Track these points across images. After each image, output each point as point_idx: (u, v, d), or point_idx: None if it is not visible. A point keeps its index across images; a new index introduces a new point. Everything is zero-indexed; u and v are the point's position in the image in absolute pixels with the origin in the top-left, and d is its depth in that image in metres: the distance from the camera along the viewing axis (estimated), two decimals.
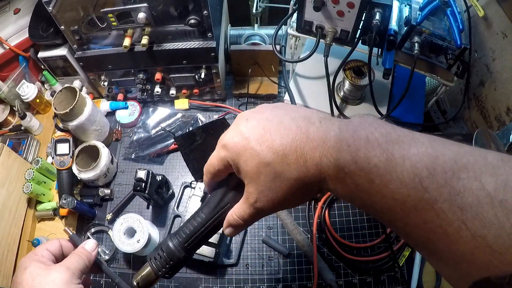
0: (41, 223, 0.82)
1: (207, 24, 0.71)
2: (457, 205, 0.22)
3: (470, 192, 0.22)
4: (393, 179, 0.24)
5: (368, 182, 0.26)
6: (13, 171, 0.77)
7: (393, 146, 0.25)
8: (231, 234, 0.36)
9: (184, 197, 0.80)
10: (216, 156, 0.34)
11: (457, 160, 0.23)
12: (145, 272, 0.38)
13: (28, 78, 0.91)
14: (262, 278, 0.71)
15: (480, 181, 0.22)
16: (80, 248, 0.43)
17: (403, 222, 0.25)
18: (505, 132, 0.65)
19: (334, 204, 0.77)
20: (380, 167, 0.25)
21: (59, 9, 0.68)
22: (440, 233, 0.23)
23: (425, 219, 0.24)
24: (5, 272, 0.70)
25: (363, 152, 0.26)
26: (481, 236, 0.21)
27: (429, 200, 0.23)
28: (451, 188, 0.23)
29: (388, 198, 0.25)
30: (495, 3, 0.68)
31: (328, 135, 0.28)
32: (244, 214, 0.33)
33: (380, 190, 0.25)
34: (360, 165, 0.26)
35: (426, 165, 0.24)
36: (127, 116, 0.90)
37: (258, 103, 0.90)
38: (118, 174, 0.85)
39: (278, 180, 0.29)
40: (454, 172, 0.23)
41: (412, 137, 0.26)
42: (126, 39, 0.72)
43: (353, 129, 0.27)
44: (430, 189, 0.23)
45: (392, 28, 0.59)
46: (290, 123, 0.30)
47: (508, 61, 0.67)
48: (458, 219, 0.22)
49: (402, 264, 0.71)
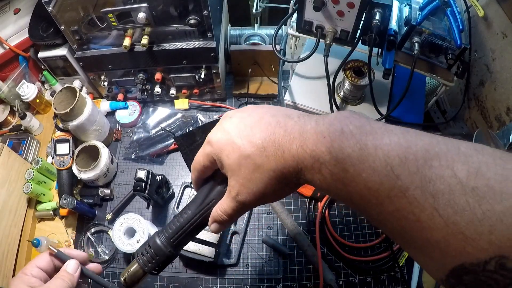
0: (41, 223, 0.82)
1: (207, 24, 0.71)
2: (429, 192, 0.23)
3: (442, 180, 0.22)
4: (366, 168, 0.25)
5: (343, 172, 0.26)
6: (13, 171, 0.77)
7: (367, 137, 0.26)
8: (217, 230, 0.36)
9: (184, 197, 0.80)
10: (201, 153, 0.36)
11: (429, 149, 0.24)
12: (132, 269, 0.38)
13: (28, 78, 0.91)
14: (262, 278, 0.71)
15: (452, 169, 0.22)
16: (62, 272, 0.44)
17: (377, 211, 0.26)
18: (505, 132, 0.65)
19: (334, 204, 0.77)
20: (353, 157, 0.26)
21: (59, 9, 0.68)
22: (413, 221, 0.23)
23: (398, 207, 0.24)
24: (5, 272, 0.70)
25: (337, 143, 0.26)
26: (454, 222, 0.22)
27: (401, 187, 0.24)
28: (422, 176, 0.23)
29: (362, 186, 0.25)
30: (495, 3, 0.68)
31: (305, 128, 0.29)
32: (228, 208, 0.34)
33: (354, 179, 0.26)
34: (335, 155, 0.26)
35: (398, 154, 0.24)
36: (127, 116, 0.90)
37: (258, 103, 0.90)
38: (118, 174, 0.85)
39: (258, 171, 0.30)
40: (426, 160, 0.23)
41: (386, 129, 0.26)
42: (126, 39, 0.72)
43: (329, 123, 0.28)
44: (402, 176, 0.24)
45: (392, 28, 0.59)
46: (270, 119, 0.31)
47: (508, 61, 0.67)
48: (430, 206, 0.22)
49: (402, 264, 0.71)
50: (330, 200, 0.76)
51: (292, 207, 0.77)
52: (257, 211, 0.77)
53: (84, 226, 0.79)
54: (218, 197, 0.36)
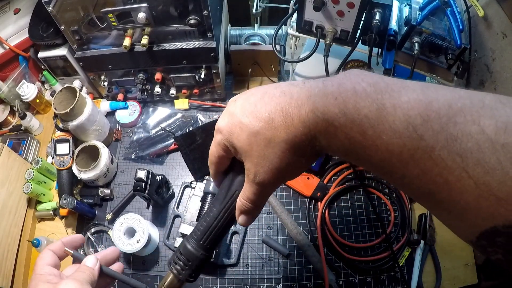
0: (41, 223, 0.82)
1: (207, 24, 0.71)
2: (456, 152, 0.21)
3: (469, 137, 0.21)
4: (386, 129, 0.23)
5: (361, 135, 0.25)
6: (13, 171, 0.77)
7: (383, 95, 0.24)
8: (245, 221, 0.35)
9: (184, 197, 0.80)
10: (214, 143, 0.34)
11: (451, 105, 0.22)
12: (168, 280, 0.37)
13: (28, 78, 0.91)
14: (262, 278, 0.71)
15: (478, 124, 0.21)
16: (82, 266, 0.43)
17: (400, 174, 0.24)
18: None
19: (334, 204, 0.77)
20: (371, 118, 0.24)
21: (59, 9, 0.68)
22: (441, 183, 0.22)
23: (423, 169, 0.23)
24: (5, 272, 0.70)
25: (351, 103, 0.25)
26: (484, 183, 0.20)
27: (426, 148, 0.22)
28: (448, 134, 0.21)
29: (383, 149, 0.24)
30: (495, 3, 0.68)
31: (313, 91, 0.27)
32: (249, 194, 0.32)
33: (374, 142, 0.24)
34: (350, 117, 0.25)
35: (419, 112, 0.23)
36: (127, 116, 0.90)
37: None
38: (118, 174, 0.85)
39: (270, 146, 0.29)
40: (449, 117, 0.22)
41: (402, 85, 0.25)
42: (126, 39, 0.72)
43: (338, 83, 0.26)
44: (425, 136, 0.22)
45: (392, 28, 0.59)
46: (274, 91, 0.30)
47: (508, 61, 0.67)
48: (458, 166, 0.21)
49: (402, 264, 0.71)
50: (330, 200, 0.76)
51: (292, 207, 0.77)
52: None
53: (84, 226, 0.78)
54: (240, 187, 0.34)
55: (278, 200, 0.77)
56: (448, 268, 0.72)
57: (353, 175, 0.79)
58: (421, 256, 0.71)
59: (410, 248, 0.72)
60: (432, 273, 0.71)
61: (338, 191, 0.76)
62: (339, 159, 0.81)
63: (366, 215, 0.75)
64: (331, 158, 0.82)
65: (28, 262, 0.76)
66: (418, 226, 0.75)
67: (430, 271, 0.72)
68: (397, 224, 0.74)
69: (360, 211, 0.76)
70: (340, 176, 0.79)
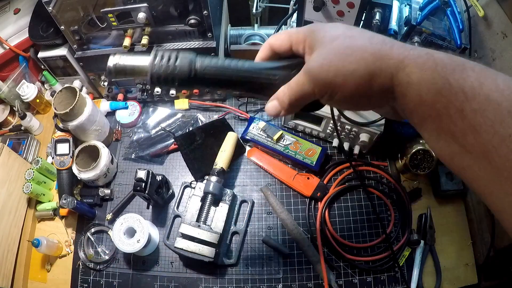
0: (41, 223, 0.82)
1: (207, 24, 0.71)
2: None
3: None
4: (491, 109, 0.22)
5: (463, 94, 0.24)
6: (13, 171, 0.77)
7: (486, 72, 0.24)
8: (272, 110, 0.33)
9: (184, 197, 0.80)
10: (287, 31, 0.33)
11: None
12: (139, 59, 0.32)
13: (28, 78, 0.91)
14: (262, 278, 0.71)
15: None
16: None
17: (505, 158, 0.22)
18: None
19: (334, 204, 0.77)
20: (476, 87, 0.23)
21: (59, 9, 0.68)
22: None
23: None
24: (5, 272, 0.70)
25: (459, 68, 0.25)
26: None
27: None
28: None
29: (488, 127, 0.22)
30: (495, 3, 0.68)
31: (410, 52, 0.27)
32: (294, 84, 0.30)
33: (476, 114, 0.23)
34: (455, 66, 0.25)
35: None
36: (127, 116, 0.90)
37: (258, 103, 0.90)
38: (118, 174, 0.85)
39: (352, 48, 0.27)
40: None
41: (489, 73, 0.25)
42: (126, 39, 0.72)
43: (449, 57, 0.26)
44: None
45: (392, 28, 0.59)
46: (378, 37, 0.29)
47: (508, 61, 0.67)
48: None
49: (402, 264, 0.71)
50: (330, 200, 0.76)
51: (292, 207, 0.77)
52: (257, 211, 0.77)
53: (84, 226, 0.78)
54: (283, 80, 0.32)
55: (278, 200, 0.77)
56: (448, 268, 0.72)
57: (353, 175, 0.79)
58: (421, 256, 0.71)
59: (410, 248, 0.72)
60: (432, 273, 0.71)
61: (338, 191, 0.77)
62: (339, 159, 0.81)
63: (366, 215, 0.75)
64: (331, 158, 0.82)
65: (28, 262, 0.76)
66: (418, 226, 0.75)
67: (430, 271, 0.72)
68: (397, 224, 0.74)
69: (360, 211, 0.76)
70: (340, 176, 0.79)
